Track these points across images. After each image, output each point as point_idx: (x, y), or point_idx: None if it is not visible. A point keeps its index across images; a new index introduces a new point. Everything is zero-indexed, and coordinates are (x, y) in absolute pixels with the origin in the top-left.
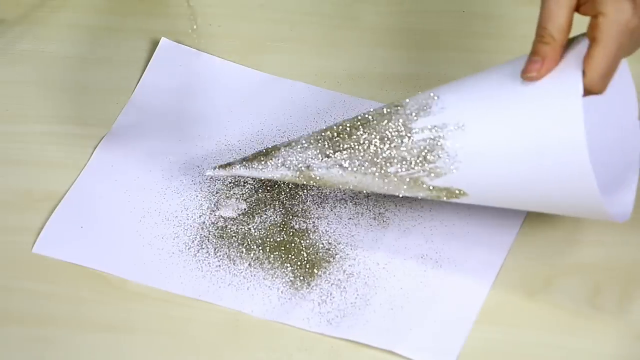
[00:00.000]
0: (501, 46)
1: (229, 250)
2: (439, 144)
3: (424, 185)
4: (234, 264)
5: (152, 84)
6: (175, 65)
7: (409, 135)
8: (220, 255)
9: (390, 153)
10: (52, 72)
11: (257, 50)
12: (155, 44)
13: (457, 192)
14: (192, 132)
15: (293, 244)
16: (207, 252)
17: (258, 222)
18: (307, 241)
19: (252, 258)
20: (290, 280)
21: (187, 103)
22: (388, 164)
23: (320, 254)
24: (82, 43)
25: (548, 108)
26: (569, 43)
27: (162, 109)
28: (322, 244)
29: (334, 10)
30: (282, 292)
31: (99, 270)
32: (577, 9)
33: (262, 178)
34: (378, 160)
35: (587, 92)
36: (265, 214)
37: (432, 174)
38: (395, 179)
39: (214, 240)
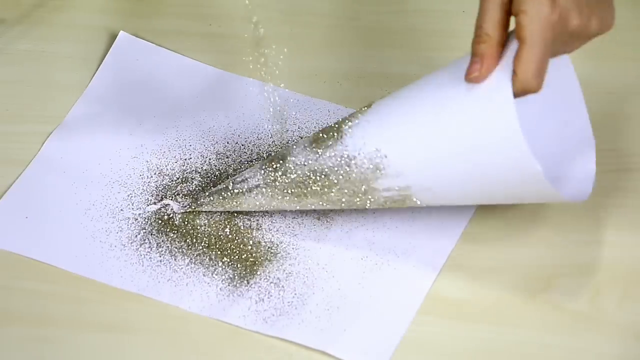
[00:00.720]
0: None
1: (171, 246)
2: (408, 199)
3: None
4: (175, 259)
5: (108, 77)
6: (133, 59)
7: (376, 193)
8: (162, 251)
9: (357, 202)
10: (52, 72)
11: (257, 50)
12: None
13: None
14: (143, 126)
15: (236, 242)
16: (150, 246)
17: (203, 218)
18: (250, 239)
19: (193, 254)
20: (230, 278)
21: (141, 97)
22: (354, 204)
23: (262, 252)
24: (82, 43)
25: (483, 113)
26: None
27: (115, 102)
28: (265, 242)
29: (334, 10)
30: (220, 289)
31: (40, 261)
32: (511, 10)
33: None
34: (343, 204)
35: (523, 92)
36: (211, 211)
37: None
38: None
39: (157, 235)
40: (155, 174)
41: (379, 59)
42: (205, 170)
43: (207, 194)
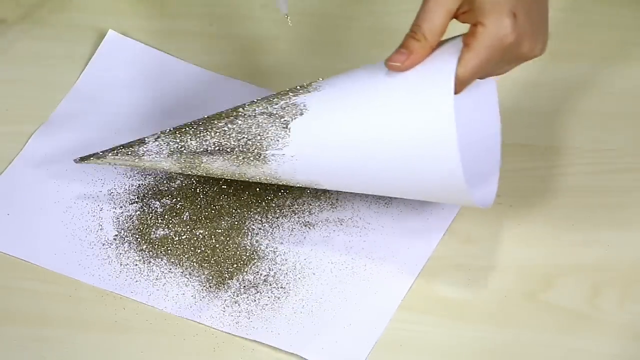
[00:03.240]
0: None
1: (151, 245)
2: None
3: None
4: (153, 259)
5: (96, 76)
6: (121, 58)
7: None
8: (141, 250)
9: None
10: (52, 72)
11: (257, 50)
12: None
13: None
14: (129, 125)
15: (216, 242)
16: (129, 245)
17: (185, 218)
18: (230, 240)
19: (172, 254)
20: (207, 279)
21: (128, 96)
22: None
23: (240, 254)
24: (82, 43)
25: (421, 102)
26: (444, 42)
27: (102, 101)
28: (244, 244)
29: (334, 10)
30: (197, 290)
31: (20, 258)
32: (457, 16)
33: (140, 166)
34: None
35: None
36: (193, 211)
37: None
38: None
39: (138, 235)
40: (138, 173)
41: (379, 59)
42: None
43: (115, 151)
